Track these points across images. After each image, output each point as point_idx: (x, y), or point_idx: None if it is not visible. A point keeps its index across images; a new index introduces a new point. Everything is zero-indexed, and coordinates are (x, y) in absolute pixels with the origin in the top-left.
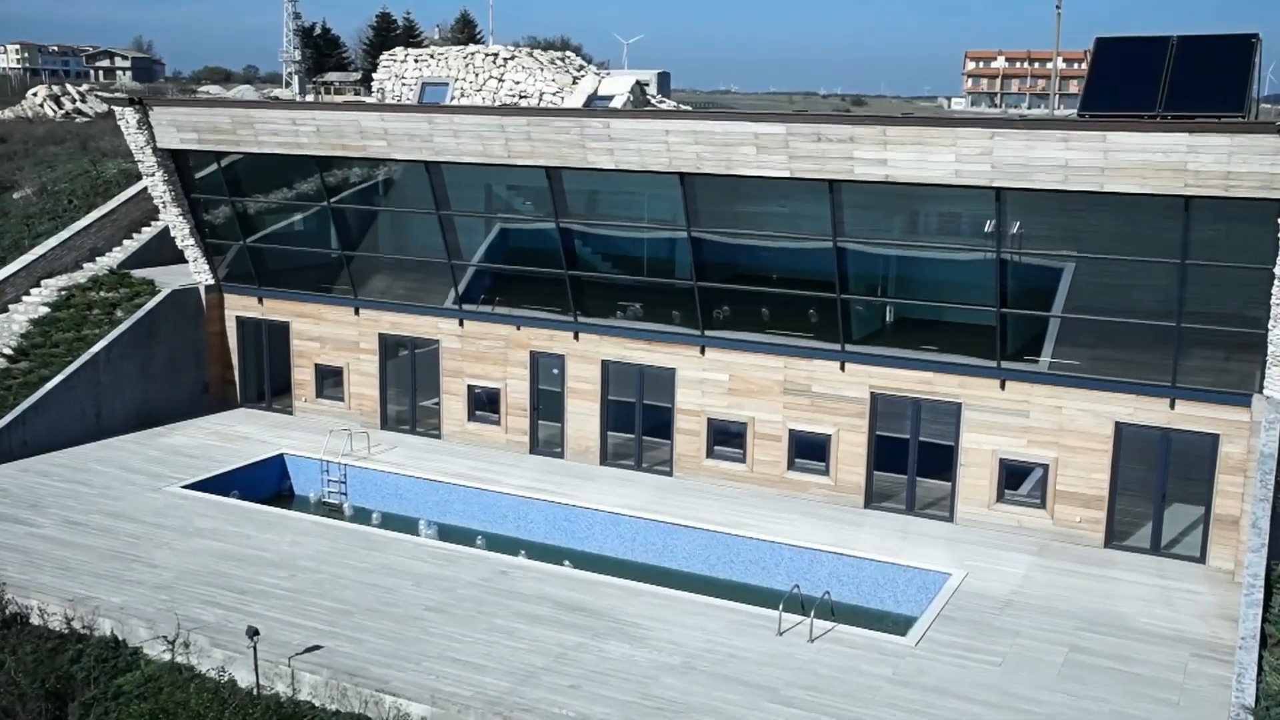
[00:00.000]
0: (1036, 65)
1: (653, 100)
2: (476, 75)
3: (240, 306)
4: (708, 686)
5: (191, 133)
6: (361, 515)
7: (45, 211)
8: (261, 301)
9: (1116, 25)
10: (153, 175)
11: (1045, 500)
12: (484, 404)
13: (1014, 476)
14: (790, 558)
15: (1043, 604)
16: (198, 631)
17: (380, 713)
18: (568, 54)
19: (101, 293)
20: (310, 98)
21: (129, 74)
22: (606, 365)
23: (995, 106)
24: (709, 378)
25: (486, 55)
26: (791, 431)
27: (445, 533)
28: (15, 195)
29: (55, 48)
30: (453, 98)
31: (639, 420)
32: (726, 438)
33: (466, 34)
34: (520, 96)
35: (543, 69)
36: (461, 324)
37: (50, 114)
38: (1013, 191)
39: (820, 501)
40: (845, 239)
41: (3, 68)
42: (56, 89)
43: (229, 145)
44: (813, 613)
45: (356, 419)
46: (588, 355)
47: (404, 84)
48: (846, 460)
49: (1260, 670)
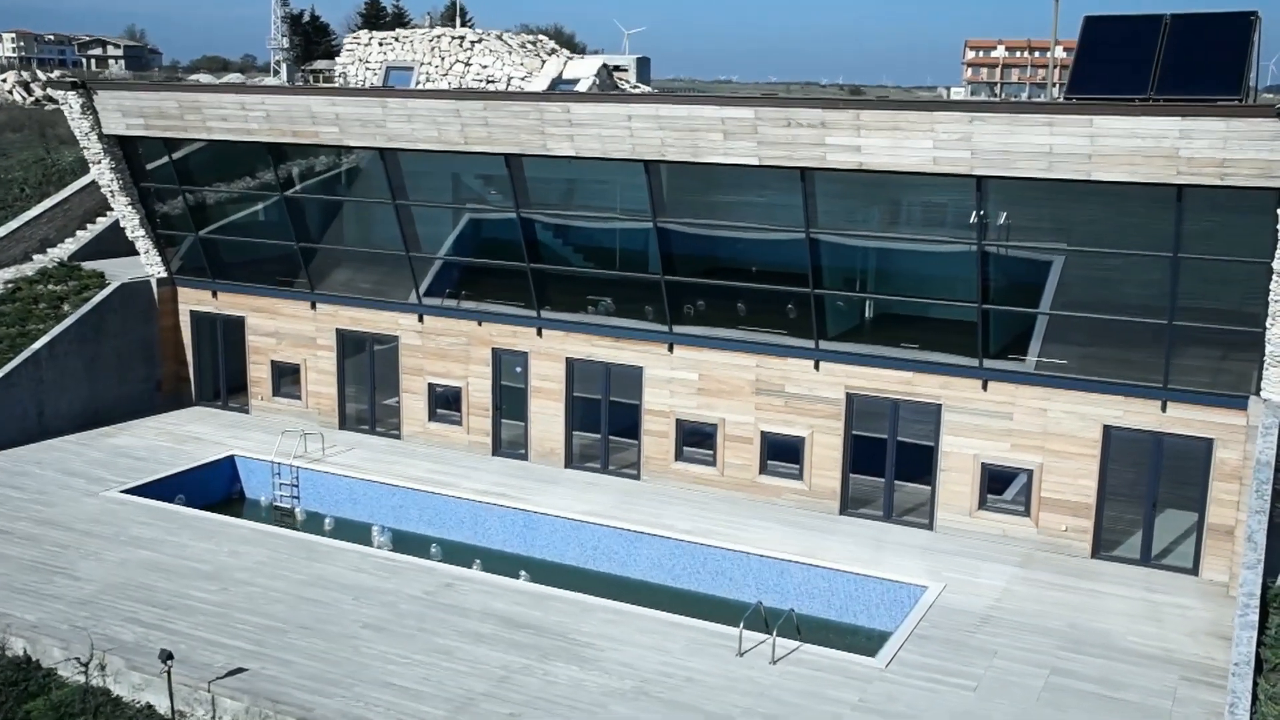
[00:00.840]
0: (1037, 55)
1: (627, 89)
2: (443, 59)
3: (194, 300)
4: (660, 715)
5: (137, 118)
6: (314, 520)
7: None
8: (216, 295)
9: (1114, 8)
10: (99, 163)
11: (1029, 508)
12: (445, 403)
13: (997, 482)
14: (758, 568)
15: (1023, 620)
16: (114, 652)
17: None
18: (540, 37)
19: (49, 286)
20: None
21: (121, 63)
22: (571, 363)
23: (995, 96)
24: (678, 377)
25: (453, 38)
26: (764, 434)
27: (400, 539)
28: None
29: (52, 36)
30: (418, 83)
31: (605, 421)
32: (696, 440)
33: (456, 20)
34: (488, 81)
35: (511, 52)
36: (421, 319)
37: (20, 100)
38: (994, 180)
39: (793, 507)
40: (819, 230)
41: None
42: (26, 75)
43: (176, 131)
44: (775, 631)
45: (315, 418)
46: (552, 353)
47: (368, 68)
48: (821, 464)
49: (1255, 699)
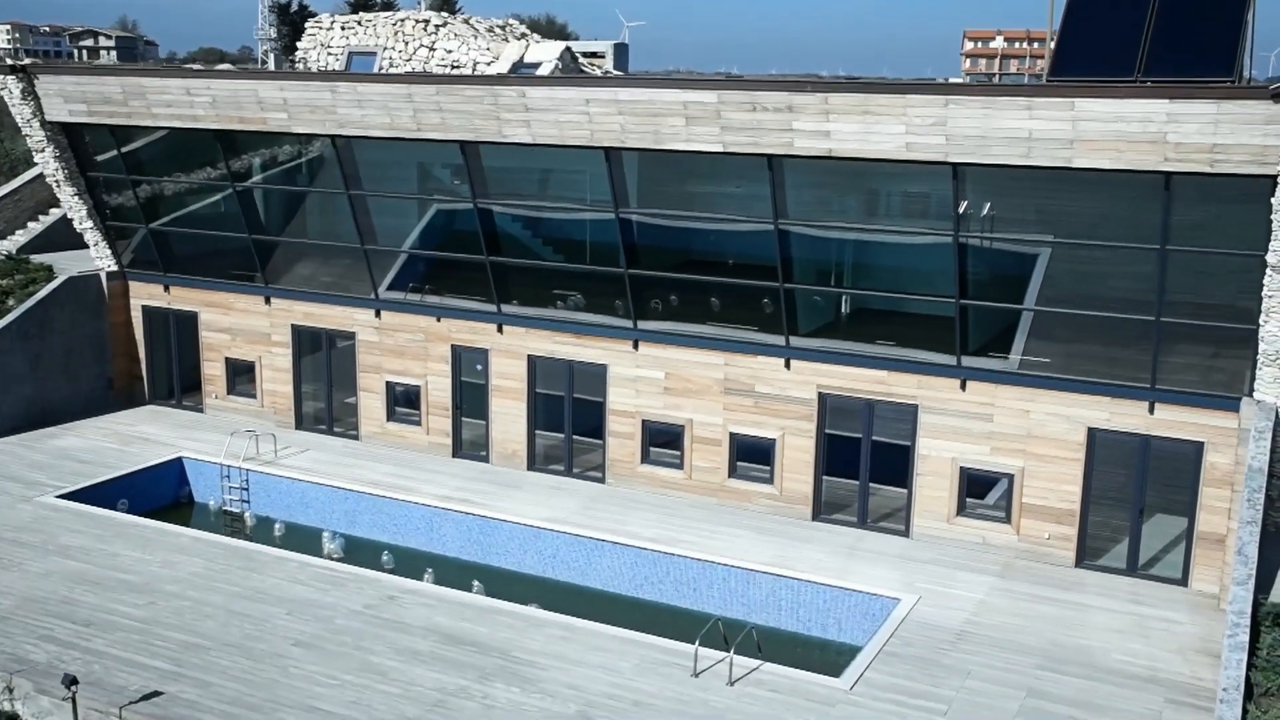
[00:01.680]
0: (1035, 45)
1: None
2: (406, 44)
3: (146, 295)
4: None
5: (80, 104)
6: (265, 525)
7: None
8: (168, 290)
9: None
10: (43, 151)
11: (1010, 514)
12: (404, 403)
13: (976, 487)
14: (724, 579)
15: (1001, 636)
16: (24, 674)
17: None
18: (510, 21)
19: None
20: None
21: (113, 53)
22: (533, 361)
23: None
24: (643, 375)
25: (417, 22)
26: (733, 435)
27: (352, 546)
28: None
29: (47, 28)
30: (381, 68)
31: (568, 422)
32: (663, 442)
33: (447, 8)
34: (453, 66)
35: (477, 37)
36: (378, 315)
37: None
38: (973, 169)
39: (764, 513)
40: (788, 222)
41: None
42: None
43: (120, 118)
44: (732, 650)
45: (270, 418)
46: (513, 350)
47: (330, 53)
48: (793, 468)
49: None
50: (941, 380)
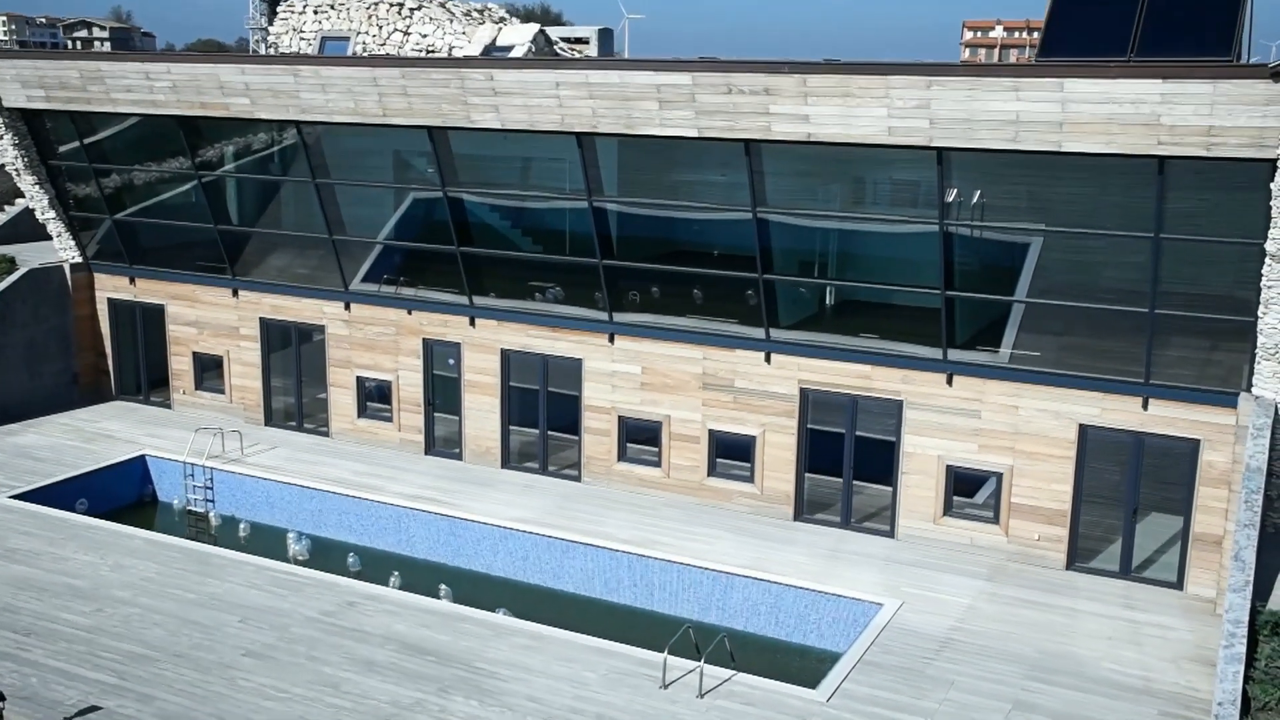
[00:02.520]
0: (1035, 35)
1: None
2: (380, 28)
3: (112, 287)
4: None
5: (39, 89)
6: (229, 526)
7: None
8: (133, 282)
9: None
10: (1, 139)
11: (999, 515)
12: (375, 398)
13: (963, 486)
14: (700, 582)
15: (987, 644)
16: None
17: None
18: (489, 6)
19: None
20: None
21: (107, 44)
22: (507, 355)
23: None
24: (619, 370)
25: (391, 5)
26: (712, 432)
27: (319, 547)
28: None
29: (43, 19)
30: (354, 53)
31: (543, 419)
32: (641, 438)
33: None
34: (428, 51)
35: (453, 20)
36: (348, 308)
37: None
38: (957, 153)
39: (744, 513)
40: (767, 210)
41: None
42: None
43: (80, 104)
44: (703, 660)
45: (240, 414)
46: (485, 344)
47: (302, 38)
48: (774, 466)
49: None
50: (927, 375)
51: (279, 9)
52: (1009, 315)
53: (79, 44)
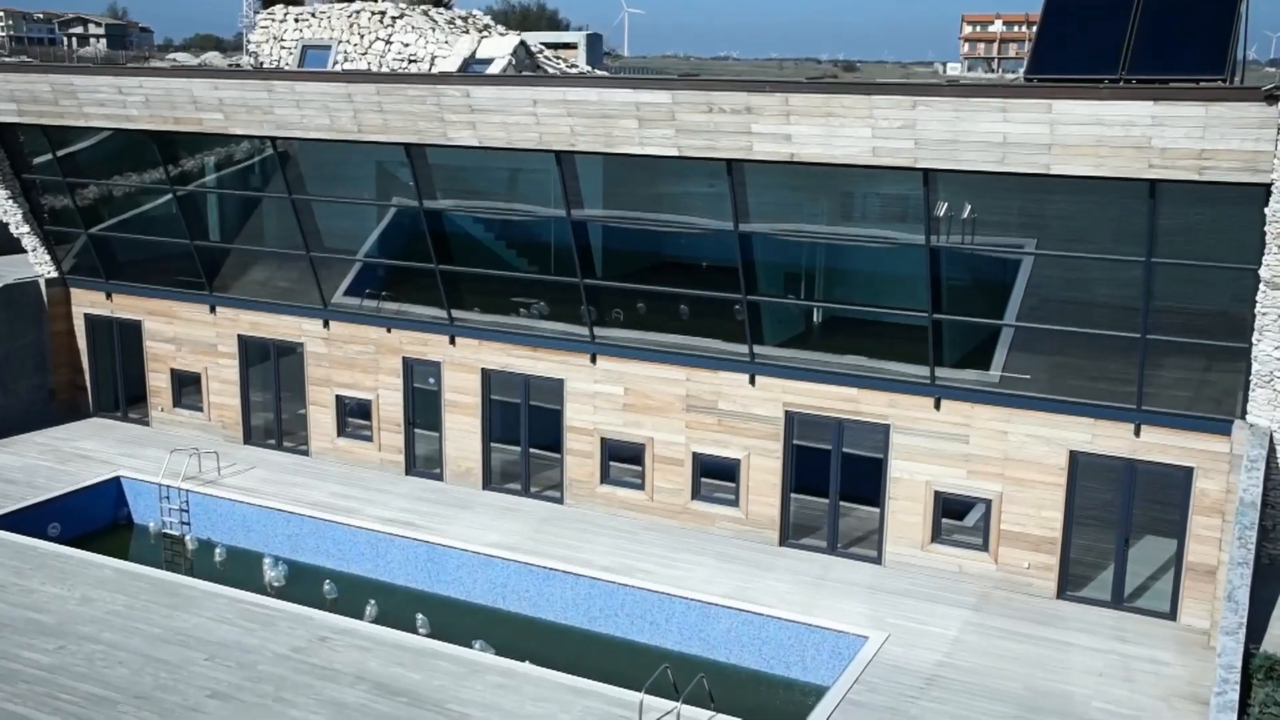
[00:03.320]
0: (1034, 30)
1: (568, 70)
2: (362, 37)
3: (89, 303)
4: None
5: (10, 103)
6: (205, 550)
7: None
8: (110, 297)
9: None
10: None
11: (988, 542)
12: (355, 417)
13: (952, 513)
14: (682, 612)
15: (975, 680)
16: None
17: None
18: (473, 13)
19: None
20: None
21: (103, 41)
22: (487, 374)
23: (992, 71)
24: (602, 390)
25: (373, 14)
26: (695, 455)
27: (296, 572)
28: None
29: (41, 15)
30: (335, 63)
31: (524, 440)
32: (623, 461)
33: None
34: (410, 61)
35: (435, 29)
36: (327, 325)
37: None
38: (943, 174)
39: (729, 537)
40: (750, 225)
41: None
42: None
43: (52, 118)
44: (681, 701)
45: (219, 431)
46: (466, 363)
47: (283, 47)
48: (758, 490)
49: None
50: (915, 399)
51: (258, 17)
52: (999, 335)
53: (74, 41)
